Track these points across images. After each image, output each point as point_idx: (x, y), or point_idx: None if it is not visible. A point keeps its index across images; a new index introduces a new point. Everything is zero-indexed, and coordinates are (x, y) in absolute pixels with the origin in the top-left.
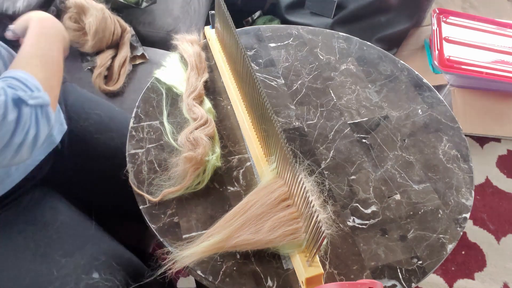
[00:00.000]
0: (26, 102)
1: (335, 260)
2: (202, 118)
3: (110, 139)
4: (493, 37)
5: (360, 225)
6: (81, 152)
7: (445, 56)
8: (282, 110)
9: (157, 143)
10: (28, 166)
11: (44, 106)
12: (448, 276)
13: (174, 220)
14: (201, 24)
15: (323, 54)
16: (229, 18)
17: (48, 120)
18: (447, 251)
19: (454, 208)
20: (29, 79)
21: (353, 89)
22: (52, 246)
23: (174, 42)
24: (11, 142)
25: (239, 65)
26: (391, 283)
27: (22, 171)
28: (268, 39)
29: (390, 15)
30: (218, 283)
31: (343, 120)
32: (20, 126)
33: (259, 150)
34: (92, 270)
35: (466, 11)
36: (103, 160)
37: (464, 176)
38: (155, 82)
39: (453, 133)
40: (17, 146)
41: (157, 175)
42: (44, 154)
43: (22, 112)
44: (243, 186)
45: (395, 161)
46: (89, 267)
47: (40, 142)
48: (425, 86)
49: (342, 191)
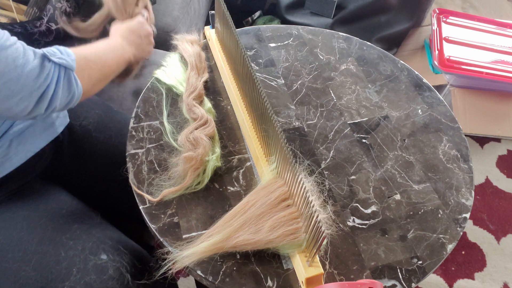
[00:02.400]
0: (49, 57)
1: (335, 260)
2: (202, 118)
3: (108, 138)
4: (493, 37)
5: (360, 225)
6: (80, 149)
7: (445, 56)
8: (282, 110)
9: (157, 143)
10: (27, 152)
11: (68, 69)
12: (448, 276)
13: (174, 220)
14: (201, 24)
15: (323, 54)
16: (229, 18)
17: (69, 84)
18: (447, 251)
19: (454, 208)
20: (66, 49)
21: (353, 89)
22: (58, 230)
23: (174, 42)
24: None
25: (239, 65)
26: (391, 283)
27: (21, 156)
28: (268, 39)
29: (390, 15)
30: (218, 283)
31: (343, 120)
32: (42, 75)
33: (259, 150)
34: (100, 252)
35: (466, 11)
36: (101, 158)
37: (464, 176)
38: (155, 82)
39: (453, 133)
40: (38, 96)
41: (157, 175)
42: (45, 142)
43: (44, 64)
44: (243, 186)
45: (395, 161)
46: (96, 249)
47: (57, 103)
48: (425, 86)
49: (342, 191)
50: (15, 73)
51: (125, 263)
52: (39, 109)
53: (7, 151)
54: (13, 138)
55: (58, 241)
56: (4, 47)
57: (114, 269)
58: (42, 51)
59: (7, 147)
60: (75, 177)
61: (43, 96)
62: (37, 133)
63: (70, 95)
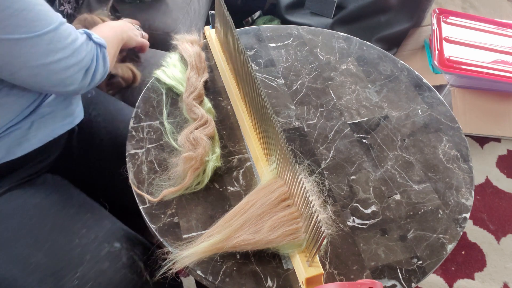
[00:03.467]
0: (90, 36)
1: (335, 260)
2: (202, 118)
3: (116, 129)
4: (493, 37)
5: (360, 225)
6: (88, 140)
7: (445, 56)
8: (282, 110)
9: (157, 143)
10: (46, 136)
11: (103, 47)
12: (448, 276)
13: (174, 220)
14: (201, 24)
15: (323, 54)
16: (229, 18)
17: (105, 60)
18: (447, 251)
19: (454, 208)
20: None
21: (353, 89)
22: (70, 218)
23: (174, 42)
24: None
25: (239, 65)
26: (391, 283)
27: (40, 138)
28: (268, 39)
29: (390, 15)
30: (218, 283)
31: (343, 120)
32: (88, 49)
33: (259, 150)
34: (114, 240)
35: (466, 11)
36: (109, 150)
37: (464, 176)
38: (155, 82)
39: (453, 133)
40: (86, 67)
41: (157, 175)
42: (62, 130)
43: (88, 41)
44: (243, 186)
45: (395, 161)
46: (109, 238)
47: (97, 76)
48: (425, 86)
49: (342, 191)
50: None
51: (139, 252)
52: (84, 82)
53: (27, 132)
54: (34, 121)
55: (70, 229)
56: (62, 22)
57: (127, 257)
58: (83, 30)
59: (28, 129)
60: (82, 169)
61: (88, 70)
62: (57, 120)
63: (104, 70)
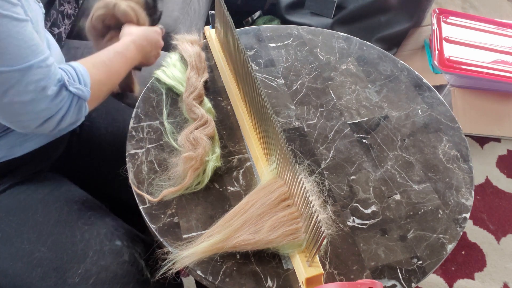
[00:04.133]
0: (67, 87)
1: (335, 260)
2: (202, 118)
3: (117, 129)
4: (493, 37)
5: (360, 225)
6: (89, 140)
7: (445, 56)
8: (282, 110)
9: (157, 143)
10: (47, 136)
11: (81, 99)
12: (448, 276)
13: (174, 220)
14: (201, 24)
15: (323, 54)
16: (229, 18)
17: (79, 112)
18: (447, 251)
19: (454, 208)
20: (84, 75)
21: (353, 89)
22: (73, 214)
23: (174, 42)
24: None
25: (239, 65)
26: (391, 283)
27: (40, 138)
28: (268, 39)
29: (390, 15)
30: (218, 283)
31: (343, 120)
32: (55, 102)
33: (259, 150)
34: (115, 238)
35: (466, 11)
36: (109, 150)
37: (464, 176)
38: (155, 82)
39: (453, 133)
40: (46, 118)
41: (157, 175)
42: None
43: (61, 92)
44: (243, 186)
45: (395, 161)
46: (111, 235)
47: (63, 125)
48: (425, 86)
49: (342, 191)
50: (32, 95)
51: (140, 250)
52: (45, 129)
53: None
54: None
55: (73, 224)
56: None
57: (129, 255)
58: (63, 78)
59: None
60: (83, 169)
61: (51, 119)
62: None
63: (76, 119)
